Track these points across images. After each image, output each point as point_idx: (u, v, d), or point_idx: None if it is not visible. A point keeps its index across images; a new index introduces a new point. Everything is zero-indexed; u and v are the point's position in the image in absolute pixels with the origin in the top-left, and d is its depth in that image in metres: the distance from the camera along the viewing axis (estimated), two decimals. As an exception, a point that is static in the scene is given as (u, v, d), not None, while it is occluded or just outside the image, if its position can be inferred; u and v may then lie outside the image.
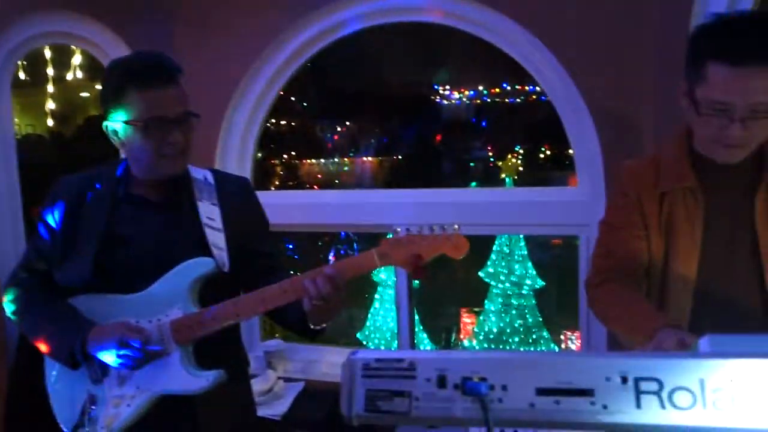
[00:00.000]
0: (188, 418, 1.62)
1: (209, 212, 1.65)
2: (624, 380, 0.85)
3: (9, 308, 1.70)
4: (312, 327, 1.60)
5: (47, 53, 3.28)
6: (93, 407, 1.56)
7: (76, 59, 3.24)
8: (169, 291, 1.59)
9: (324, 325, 1.61)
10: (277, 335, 3.47)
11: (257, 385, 2.69)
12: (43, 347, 1.62)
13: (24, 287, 1.69)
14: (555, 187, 2.80)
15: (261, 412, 2.57)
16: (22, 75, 3.31)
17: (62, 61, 3.29)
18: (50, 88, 3.38)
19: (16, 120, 3.63)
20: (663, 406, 0.84)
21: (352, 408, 0.95)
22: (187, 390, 1.56)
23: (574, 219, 2.59)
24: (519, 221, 2.77)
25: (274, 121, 5.89)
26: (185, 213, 1.66)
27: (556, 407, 0.88)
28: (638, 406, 0.84)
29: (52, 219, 1.67)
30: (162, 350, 1.56)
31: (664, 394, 0.84)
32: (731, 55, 1.31)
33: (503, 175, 5.34)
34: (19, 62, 3.07)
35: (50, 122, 3.44)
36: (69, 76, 3.35)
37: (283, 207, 3.03)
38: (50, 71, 3.34)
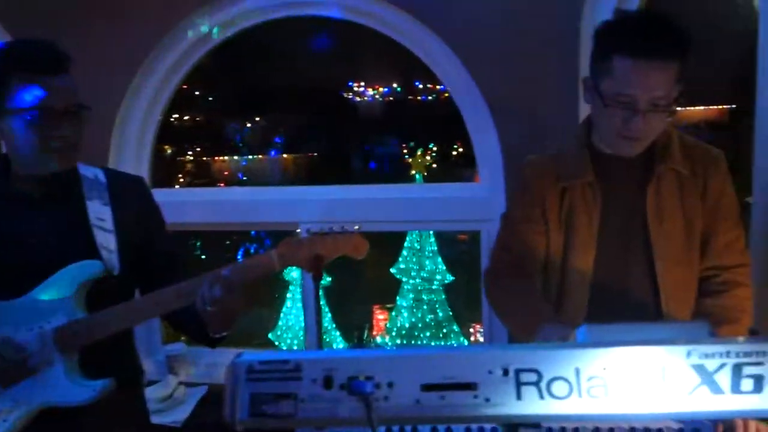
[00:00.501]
0: (73, 431, 1.52)
1: (99, 213, 1.56)
2: (505, 372, 0.87)
3: None
4: (210, 335, 1.54)
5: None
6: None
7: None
8: (52, 296, 1.49)
9: (224, 333, 1.56)
10: (182, 339, 3.35)
11: (156, 392, 2.58)
12: None
13: None
14: (457, 183, 2.85)
15: (159, 419, 2.47)
16: None
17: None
18: None
19: None
20: (542, 397, 0.86)
21: (236, 413, 0.91)
22: (71, 401, 1.47)
23: (475, 215, 2.65)
24: (424, 218, 2.80)
25: (177, 116, 5.69)
26: (72, 212, 1.56)
27: (441, 402, 0.88)
28: (519, 397, 0.86)
29: None
30: (41, 362, 1.46)
31: (543, 385, 0.86)
32: (634, 50, 1.38)
33: (413, 172, 5.40)
34: None
35: None
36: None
37: (187, 204, 2.93)
38: None
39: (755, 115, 2.02)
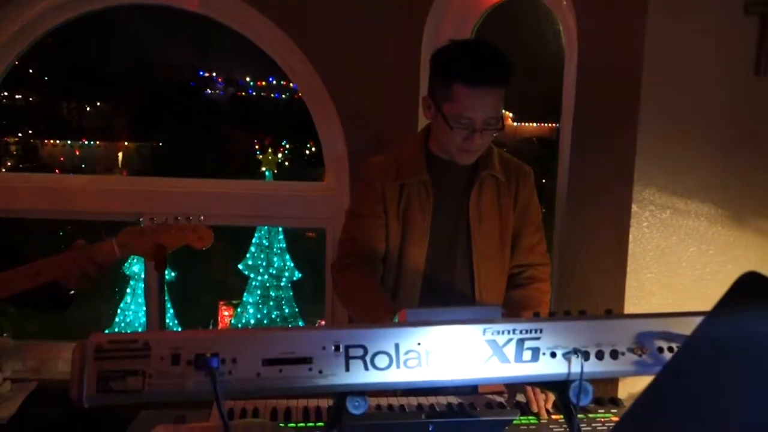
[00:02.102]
0: None
1: None
2: (336, 348, 1.00)
3: None
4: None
5: None
6: None
7: None
8: None
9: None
10: (5, 334, 3.13)
11: (-22, 388, 2.42)
12: None
13: None
14: (305, 182, 2.97)
15: (-19, 416, 2.32)
16: None
17: None
18: None
19: None
20: (366, 368, 1.00)
21: (83, 390, 0.96)
22: None
23: (322, 212, 2.78)
24: (272, 213, 2.89)
25: (6, 93, 5.23)
26: None
27: (280, 375, 0.99)
28: (347, 369, 1.00)
29: None
30: None
31: (368, 358, 1.00)
32: (473, 79, 1.60)
33: (263, 168, 5.43)
34: None
35: None
36: None
37: (16, 191, 2.76)
38: None
39: (560, 133, 2.34)
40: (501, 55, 1.64)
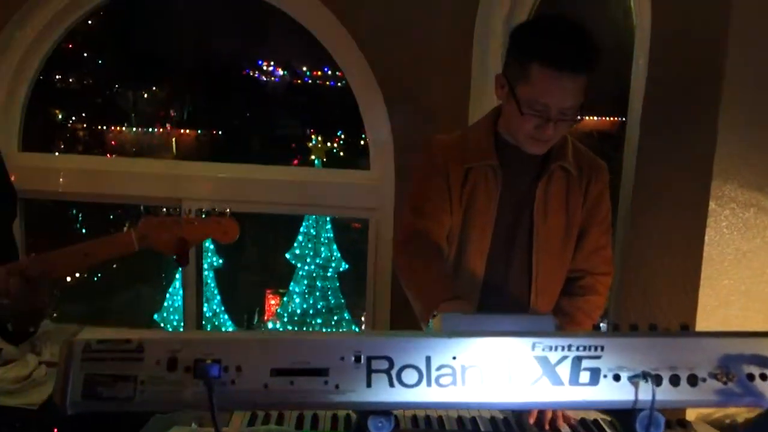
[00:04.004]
0: None
1: None
2: (357, 359, 0.85)
3: None
4: (10, 328, 1.42)
5: None
6: None
7: None
8: None
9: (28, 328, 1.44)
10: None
11: (11, 372, 2.39)
12: None
13: None
14: (350, 170, 2.83)
15: (13, 401, 2.29)
16: None
17: None
18: None
19: None
20: (392, 384, 0.85)
21: (67, 395, 0.84)
22: None
23: (366, 202, 2.65)
24: (316, 201, 2.77)
25: (60, 77, 5.29)
26: None
27: (291, 387, 0.85)
28: (369, 384, 0.85)
29: None
30: None
31: (393, 372, 0.85)
32: (555, 60, 1.42)
33: (312, 157, 5.35)
34: None
35: None
36: None
37: (64, 172, 2.73)
38: None
39: (627, 128, 2.13)
40: (590, 38, 1.46)
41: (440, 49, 2.39)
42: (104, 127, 6.63)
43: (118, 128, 7.03)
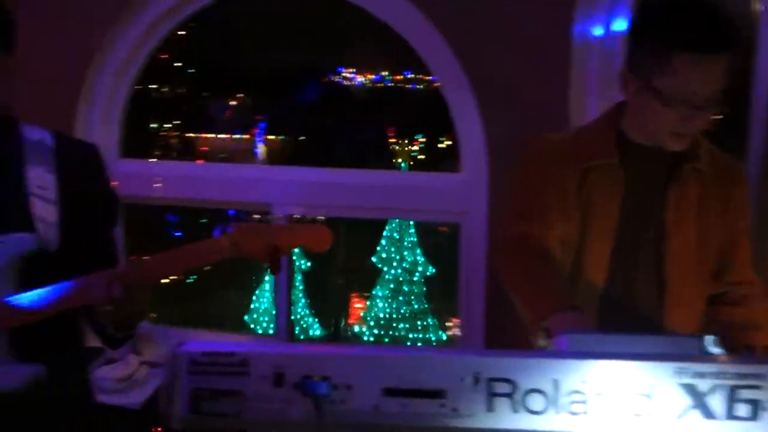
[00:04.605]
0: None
1: (41, 180, 1.41)
2: (476, 381, 0.78)
3: None
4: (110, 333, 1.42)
5: None
6: None
7: None
8: None
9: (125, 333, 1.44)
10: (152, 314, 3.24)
11: (114, 371, 2.47)
12: None
13: None
14: (439, 173, 2.75)
15: (115, 400, 2.36)
16: None
17: None
18: None
19: None
20: (515, 410, 0.77)
21: (174, 408, 0.82)
22: None
23: (456, 206, 2.56)
24: (404, 206, 2.72)
25: (156, 86, 5.49)
26: (5, 178, 1.42)
27: (404, 410, 0.79)
28: (490, 409, 0.77)
29: None
30: None
31: (518, 397, 0.77)
32: (697, 45, 1.30)
33: (399, 160, 5.30)
34: None
35: None
36: None
37: (158, 178, 2.81)
38: None
39: (750, 125, 1.94)
40: (726, 13, 1.33)
41: (536, 44, 2.27)
42: (194, 135, 6.87)
43: (207, 135, 7.27)
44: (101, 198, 1.56)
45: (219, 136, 6.99)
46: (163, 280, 1.51)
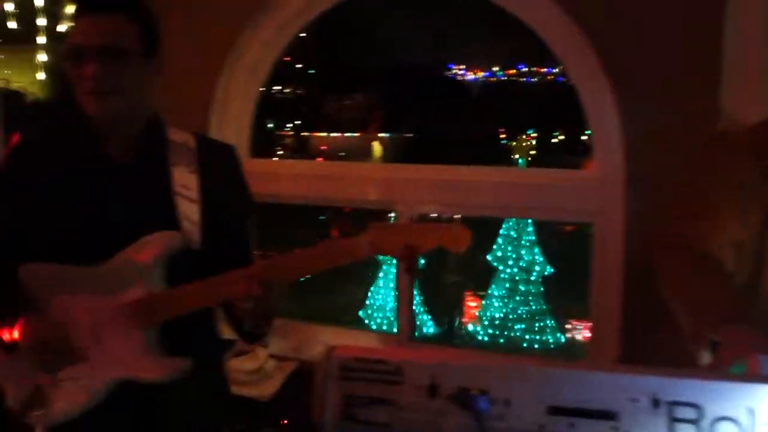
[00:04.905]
0: (145, 407, 1.46)
1: (185, 180, 1.47)
2: (655, 404, 0.70)
3: None
4: (247, 329, 1.45)
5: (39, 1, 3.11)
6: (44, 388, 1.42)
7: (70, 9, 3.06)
8: (128, 267, 1.42)
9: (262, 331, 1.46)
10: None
11: (245, 363, 2.56)
12: None
13: None
14: (566, 170, 2.62)
15: (246, 392, 2.44)
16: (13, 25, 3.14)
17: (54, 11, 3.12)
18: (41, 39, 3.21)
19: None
20: (702, 439, 0.68)
21: (325, 414, 0.80)
22: (146, 378, 1.40)
23: (586, 205, 2.42)
24: (527, 204, 2.61)
25: (279, 87, 5.71)
26: (154, 178, 1.49)
27: (571, 430, 0.72)
28: (671, 436, 0.69)
29: None
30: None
31: (705, 424, 0.68)
32: None
33: (516, 156, 5.16)
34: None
35: (41, 76, 3.29)
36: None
37: (282, 177, 2.89)
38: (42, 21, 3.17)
39: None
40: None
41: (680, 27, 2.10)
42: (313, 134, 7.06)
43: (326, 134, 7.46)
44: (239, 197, 1.61)
45: (334, 134, 7.17)
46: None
